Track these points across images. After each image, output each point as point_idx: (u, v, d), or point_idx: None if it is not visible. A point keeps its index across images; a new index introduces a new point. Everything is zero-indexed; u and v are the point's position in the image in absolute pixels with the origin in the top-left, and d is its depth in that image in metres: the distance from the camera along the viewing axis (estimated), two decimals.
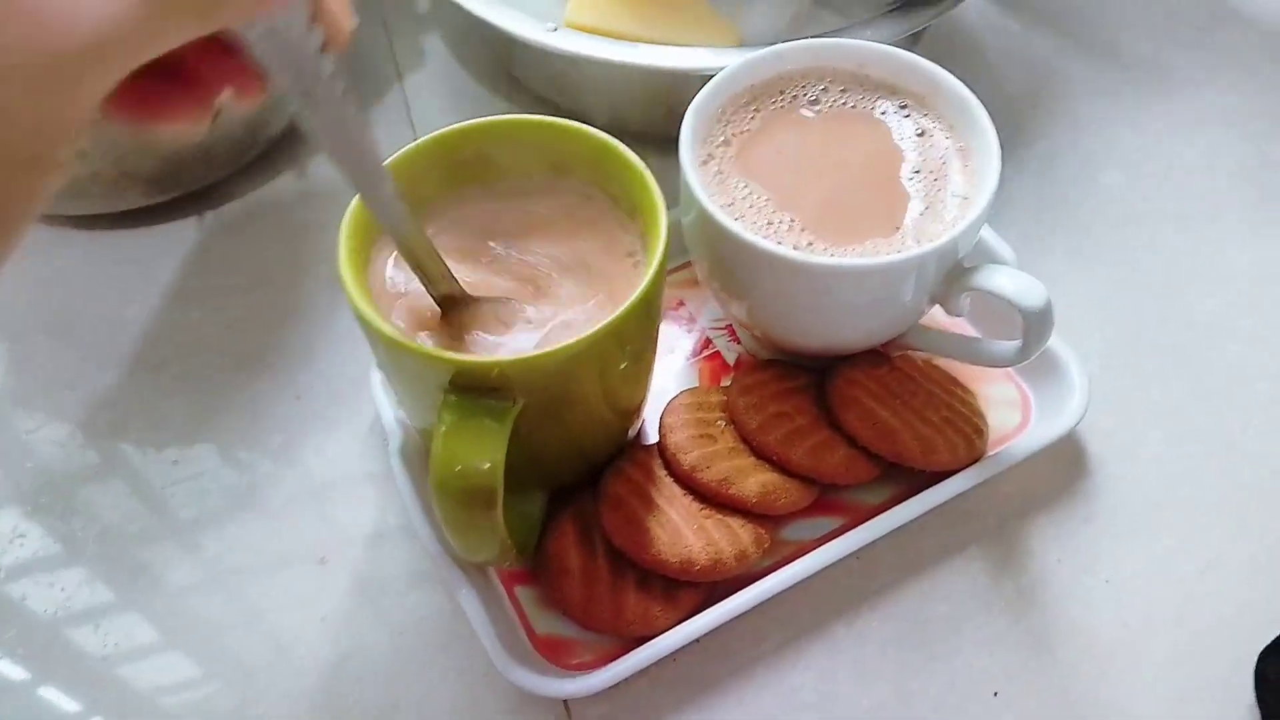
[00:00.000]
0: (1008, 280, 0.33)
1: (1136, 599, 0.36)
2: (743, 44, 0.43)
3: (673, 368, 0.42)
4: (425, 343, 0.32)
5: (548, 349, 0.29)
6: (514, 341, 0.32)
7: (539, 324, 0.33)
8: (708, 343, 0.43)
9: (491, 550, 0.31)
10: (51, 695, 0.36)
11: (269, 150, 0.50)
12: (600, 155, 0.34)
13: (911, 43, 0.44)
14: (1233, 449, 0.40)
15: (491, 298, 0.33)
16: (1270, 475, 0.39)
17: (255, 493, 0.40)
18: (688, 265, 0.43)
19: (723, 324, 0.43)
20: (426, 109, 0.53)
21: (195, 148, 0.44)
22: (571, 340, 0.29)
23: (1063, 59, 0.55)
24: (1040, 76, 0.54)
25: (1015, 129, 0.51)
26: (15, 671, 0.36)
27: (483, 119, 0.34)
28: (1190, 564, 0.37)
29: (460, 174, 0.35)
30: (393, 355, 0.30)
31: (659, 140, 0.35)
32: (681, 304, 0.44)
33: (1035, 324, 0.33)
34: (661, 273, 0.31)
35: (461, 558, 0.34)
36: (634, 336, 0.32)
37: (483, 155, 0.35)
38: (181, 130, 0.25)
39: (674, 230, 0.36)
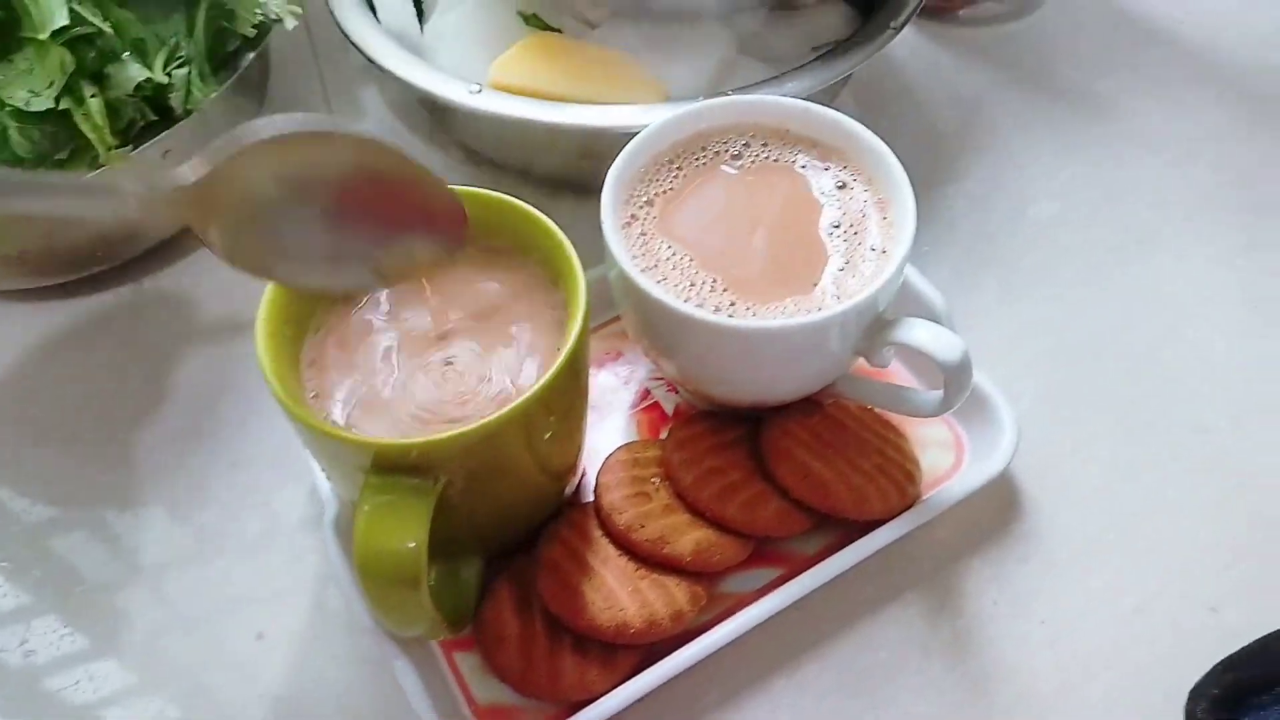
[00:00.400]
0: (926, 335, 0.33)
1: (1072, 639, 0.36)
2: (669, 99, 0.44)
3: (611, 420, 0.42)
4: (352, 418, 0.32)
5: (465, 428, 0.29)
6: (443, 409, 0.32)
7: (470, 397, 0.33)
8: (646, 394, 0.43)
9: (420, 626, 0.31)
10: None
11: None
12: (522, 223, 0.34)
13: (840, 87, 0.45)
14: (1162, 484, 0.40)
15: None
16: (1200, 510, 0.39)
17: (192, 566, 0.40)
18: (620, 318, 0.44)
19: (660, 375, 0.43)
20: None
21: (123, 221, 0.44)
22: (490, 417, 0.29)
23: (994, 92, 0.55)
24: (972, 111, 0.54)
25: (948, 166, 0.52)
26: None
27: None
28: (1124, 602, 0.37)
29: None
30: (312, 438, 0.30)
31: (590, 194, 0.35)
32: (620, 355, 0.44)
33: (954, 377, 0.33)
34: (581, 342, 0.31)
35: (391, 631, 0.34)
36: (559, 403, 0.32)
37: None
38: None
39: (604, 285, 0.36)
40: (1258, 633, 0.35)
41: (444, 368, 0.33)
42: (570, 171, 0.45)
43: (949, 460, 0.40)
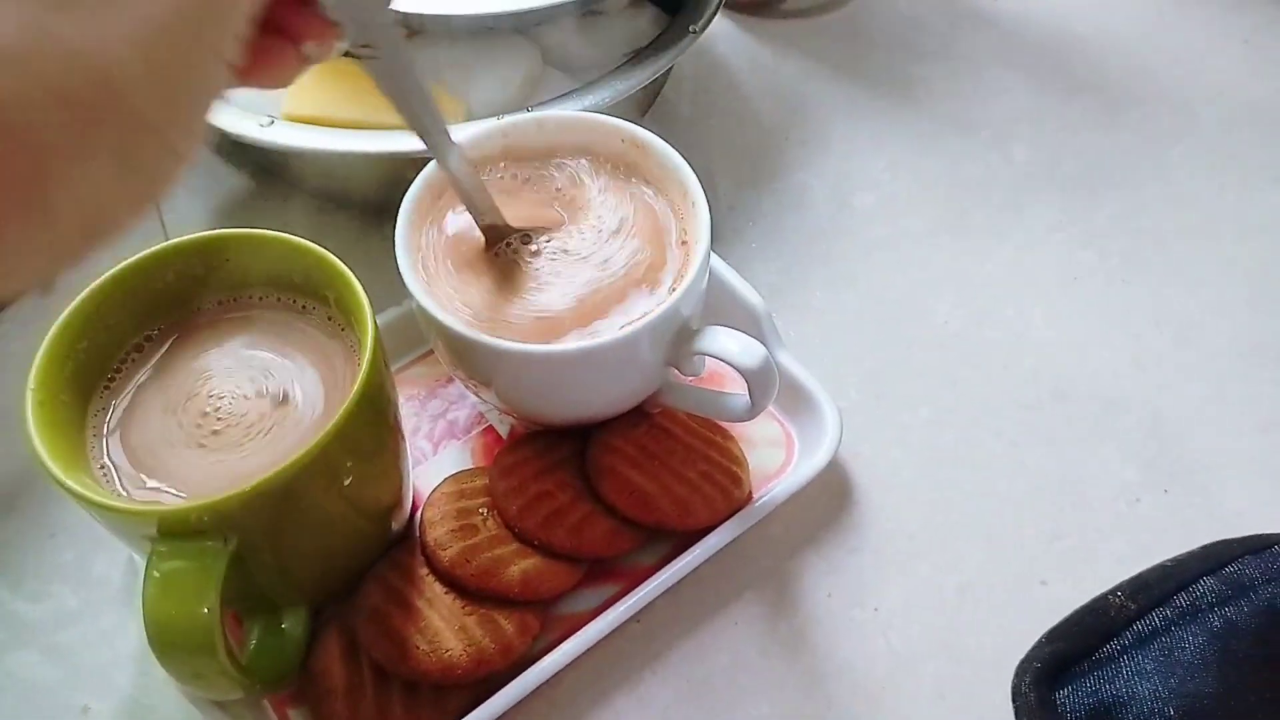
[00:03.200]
0: (729, 343, 0.33)
1: (905, 624, 0.37)
2: (470, 117, 0.43)
3: (445, 448, 0.41)
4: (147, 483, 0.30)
5: (245, 485, 0.28)
6: None
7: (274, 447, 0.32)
8: (480, 418, 0.42)
9: (228, 689, 0.30)
10: None
11: None
12: (308, 262, 0.33)
13: (657, 89, 0.45)
14: (981, 464, 0.41)
15: (530, 226, 0.35)
16: (1024, 488, 0.41)
17: (10, 643, 0.38)
18: None
19: None
20: (183, 206, 0.51)
21: None
22: (272, 470, 0.28)
23: (815, 84, 0.56)
24: (794, 104, 0.55)
25: (773, 160, 0.52)
26: None
27: (174, 241, 0.33)
28: (953, 583, 0.38)
29: (162, 301, 0.34)
30: (91, 511, 0.29)
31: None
32: (450, 381, 0.43)
33: (757, 382, 0.34)
34: (374, 375, 0.31)
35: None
36: (359, 443, 0.31)
37: (186, 278, 0.34)
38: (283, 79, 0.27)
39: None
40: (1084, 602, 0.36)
41: (239, 420, 0.32)
42: (380, 198, 0.44)
43: (780, 457, 0.40)
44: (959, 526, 0.40)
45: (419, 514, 0.37)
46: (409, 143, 0.40)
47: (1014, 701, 0.34)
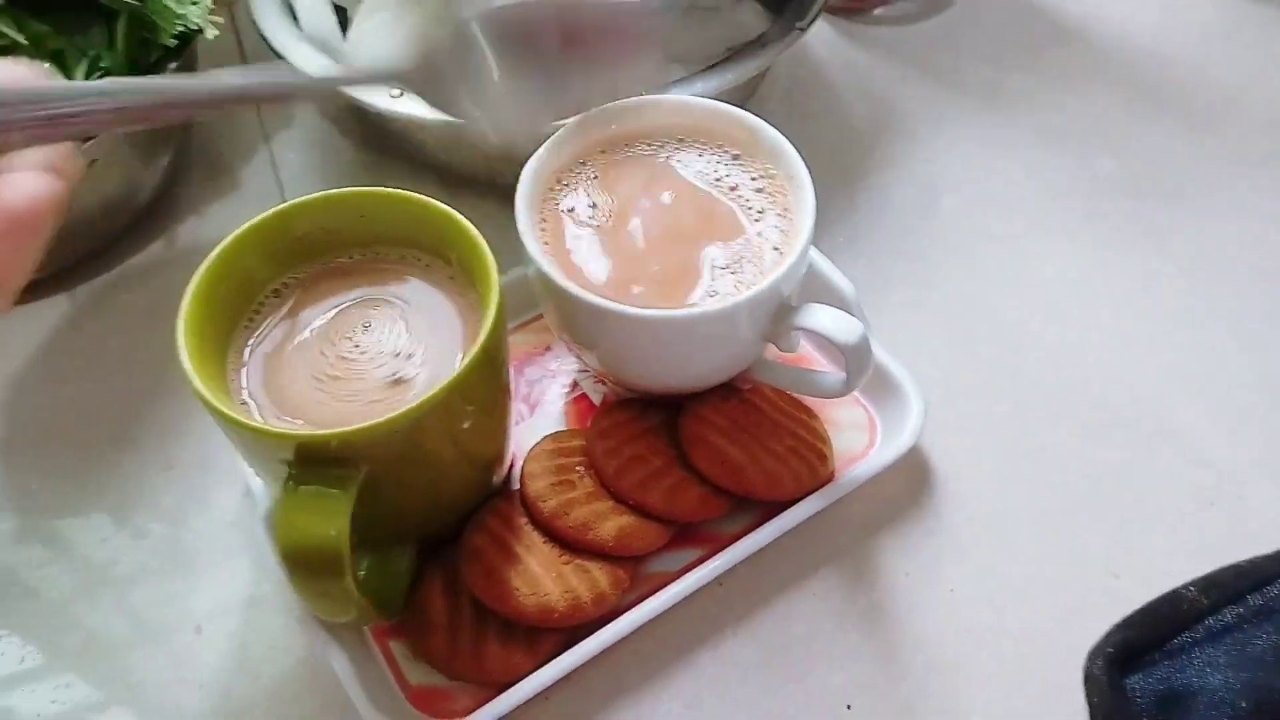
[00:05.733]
0: (827, 319, 0.35)
1: (978, 607, 0.38)
2: None
3: (542, 411, 0.43)
4: (274, 409, 0.33)
5: (382, 419, 0.30)
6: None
7: (392, 392, 0.34)
8: (574, 385, 0.44)
9: (348, 613, 0.33)
10: None
11: (137, 219, 0.50)
12: (441, 223, 0.35)
13: (755, 84, 0.46)
14: (1059, 459, 0.42)
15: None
16: (1099, 481, 0.42)
17: (130, 564, 0.40)
18: None
19: (586, 367, 0.44)
20: (293, 166, 0.54)
21: (55, 230, 0.44)
22: (405, 408, 0.30)
23: (907, 88, 0.58)
24: (886, 107, 0.56)
25: (864, 160, 0.54)
26: None
27: (317, 194, 0.35)
28: (1027, 570, 0.39)
29: (298, 250, 0.36)
30: (234, 433, 0.31)
31: (510, 191, 0.36)
32: (549, 348, 0.45)
33: (854, 357, 0.35)
34: (495, 335, 0.33)
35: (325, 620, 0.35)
36: (475, 395, 0.33)
37: (321, 229, 0.36)
38: None
39: (528, 283, 0.37)
40: (1154, 597, 0.37)
41: (370, 367, 0.34)
42: (492, 173, 0.47)
43: (864, 440, 0.42)
44: (1034, 517, 0.41)
45: (518, 468, 0.39)
46: None
47: (1085, 683, 0.36)
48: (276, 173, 0.53)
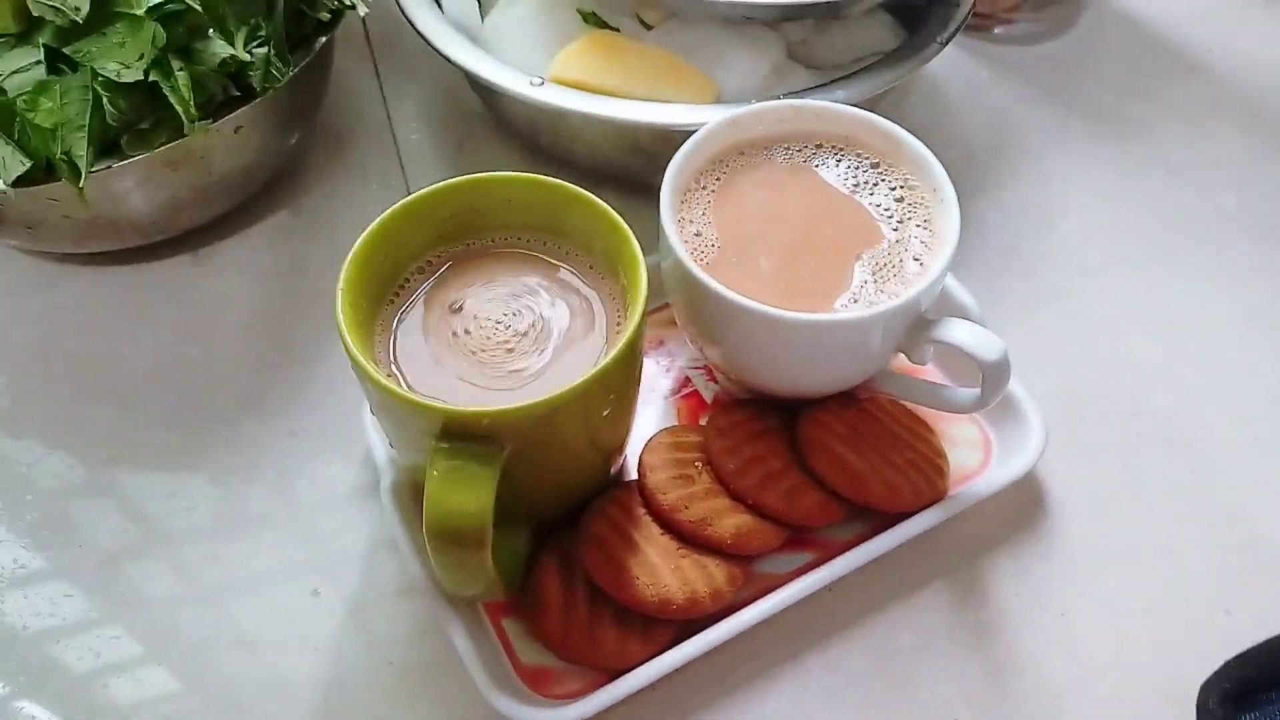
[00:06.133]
0: (967, 334, 0.35)
1: (1088, 634, 0.38)
2: (719, 100, 0.45)
3: (652, 405, 0.44)
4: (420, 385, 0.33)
5: (534, 400, 0.31)
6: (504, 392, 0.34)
7: (532, 375, 0.34)
8: (686, 381, 0.45)
9: (479, 586, 0.33)
10: (39, 712, 0.37)
11: (264, 190, 0.52)
12: (587, 214, 0.36)
13: (884, 96, 0.46)
14: (1173, 492, 0.42)
15: None
16: (1214, 516, 0.41)
17: (250, 525, 0.41)
18: (667, 306, 0.45)
19: (700, 363, 0.45)
20: (415, 147, 0.55)
21: (193, 190, 0.46)
22: (557, 391, 0.31)
23: (1025, 109, 0.57)
24: (1005, 126, 0.56)
25: (981, 178, 0.53)
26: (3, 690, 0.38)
27: (468, 176, 0.36)
28: (1139, 600, 0.39)
29: (445, 230, 0.37)
30: (385, 403, 0.32)
31: (640, 186, 0.37)
32: (662, 343, 0.46)
33: (992, 375, 0.35)
34: (642, 326, 0.33)
35: (449, 591, 0.36)
36: (616, 384, 0.34)
37: (468, 211, 0.37)
38: None
39: (653, 274, 0.38)
40: (1267, 635, 0.37)
41: (508, 348, 0.35)
42: (621, 167, 0.47)
43: (977, 459, 0.42)
44: (1147, 547, 0.40)
45: (637, 459, 0.40)
46: (665, 117, 0.43)
47: (1199, 717, 0.35)
48: (399, 152, 0.54)
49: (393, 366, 0.34)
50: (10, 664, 0.38)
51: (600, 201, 0.35)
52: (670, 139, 0.39)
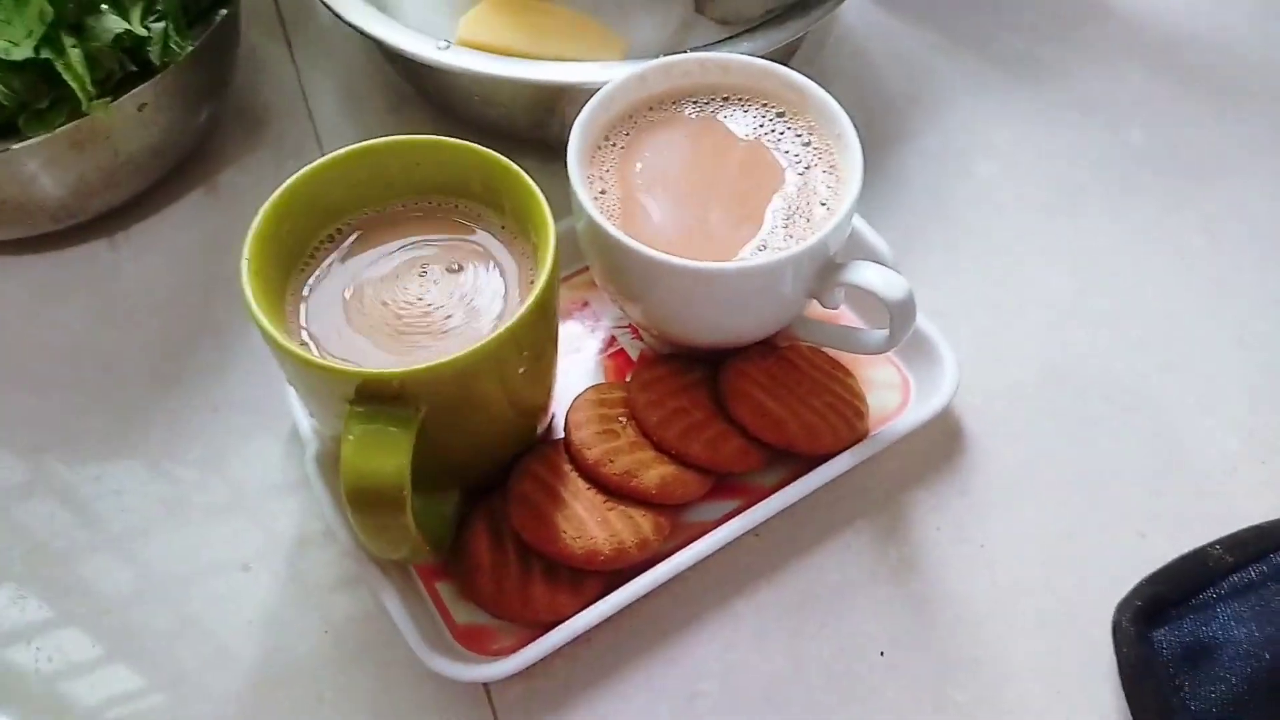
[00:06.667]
0: (874, 275, 0.36)
1: (1008, 563, 0.39)
2: (628, 56, 0.45)
3: (580, 365, 0.44)
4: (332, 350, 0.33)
5: (444, 359, 0.31)
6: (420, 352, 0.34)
7: (442, 336, 0.35)
8: (612, 340, 0.45)
9: (404, 550, 0.33)
10: None
11: (177, 169, 0.51)
12: (495, 174, 0.36)
13: (794, 47, 0.47)
14: (1088, 423, 0.43)
15: None
16: (1122, 452, 0.43)
17: (178, 504, 0.41)
18: (588, 269, 0.45)
19: (625, 322, 0.45)
20: (331, 119, 0.54)
21: (100, 171, 0.45)
22: (467, 349, 0.31)
23: (941, 56, 0.58)
24: (920, 74, 0.57)
25: (898, 126, 0.54)
26: None
27: (372, 140, 0.36)
28: (1057, 528, 0.40)
29: (352, 196, 0.37)
30: (297, 370, 0.32)
31: (556, 149, 0.37)
32: (586, 304, 0.46)
33: (899, 314, 0.36)
34: (551, 283, 0.33)
35: (375, 555, 0.36)
36: (529, 342, 0.34)
37: (374, 176, 0.37)
38: None
39: (569, 236, 0.38)
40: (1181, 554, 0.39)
41: (423, 312, 0.35)
42: (535, 128, 0.47)
43: (896, 400, 0.42)
44: (1064, 478, 0.42)
45: (559, 420, 0.40)
46: (572, 75, 0.43)
47: (1114, 635, 0.37)
48: (314, 125, 0.54)
49: (304, 334, 0.34)
50: None
51: (507, 161, 0.35)
52: (579, 97, 0.39)
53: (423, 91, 0.52)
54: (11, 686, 0.37)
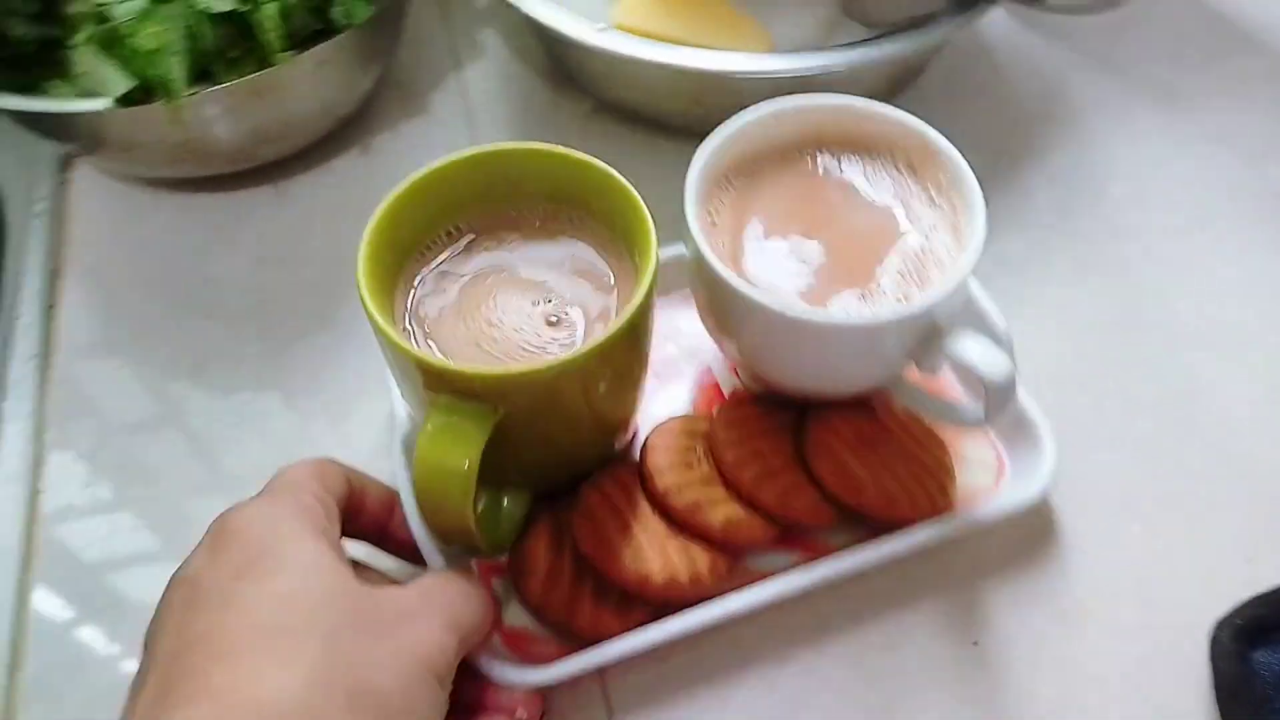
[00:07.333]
0: (976, 351, 0.34)
1: (1087, 669, 0.37)
2: (774, 49, 0.47)
3: (672, 390, 0.44)
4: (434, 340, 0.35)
5: (526, 367, 0.32)
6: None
7: (538, 342, 0.35)
8: (708, 371, 0.45)
9: (463, 538, 0.34)
10: (91, 637, 0.40)
11: (339, 127, 0.55)
12: (601, 186, 0.36)
13: (932, 54, 0.47)
14: (1186, 519, 0.41)
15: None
16: (1215, 543, 0.40)
17: (294, 441, 0.44)
18: None
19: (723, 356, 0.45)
20: (481, 94, 0.58)
21: (275, 121, 0.50)
22: (550, 360, 0.32)
23: (1078, 77, 0.58)
24: (1055, 93, 0.57)
25: (1030, 141, 0.54)
26: (62, 612, 0.40)
27: (500, 145, 0.37)
28: (1144, 639, 0.38)
29: (477, 195, 0.38)
30: (392, 354, 0.33)
31: (697, 134, 0.38)
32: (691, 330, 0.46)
33: (996, 396, 0.34)
34: (645, 307, 0.33)
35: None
36: (616, 361, 0.34)
37: (503, 179, 0.38)
38: None
39: (679, 262, 0.38)
40: None
41: (518, 311, 0.36)
42: (681, 115, 0.49)
43: (988, 480, 0.41)
44: (1152, 579, 0.39)
45: (641, 439, 0.40)
46: (723, 64, 0.45)
47: (1211, 649, 0.36)
48: (465, 99, 0.57)
49: (408, 322, 0.36)
50: (77, 590, 0.41)
51: (625, 183, 0.36)
52: (723, 85, 0.40)
53: (574, 73, 0.55)
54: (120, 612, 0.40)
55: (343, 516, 0.34)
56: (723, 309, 0.37)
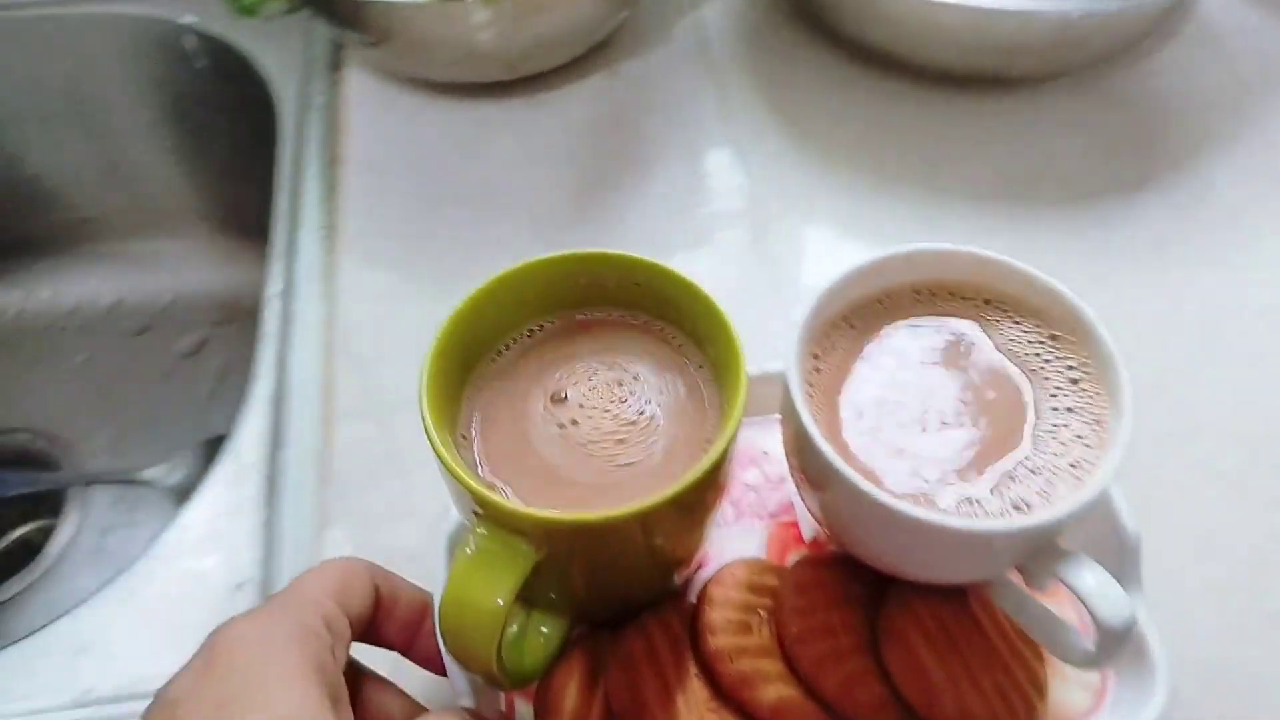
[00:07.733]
0: (1094, 584, 0.29)
1: None
2: None
3: (749, 520, 0.40)
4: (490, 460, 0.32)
5: (582, 515, 0.29)
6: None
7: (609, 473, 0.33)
8: (789, 507, 0.41)
9: (483, 672, 0.31)
10: None
11: (591, 51, 0.61)
12: (703, 312, 0.33)
13: (1156, 18, 0.43)
14: None
15: None
16: None
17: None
18: None
19: None
20: (721, 33, 0.62)
21: (539, 39, 0.57)
22: (611, 511, 0.29)
23: None
24: (1275, 71, 0.55)
25: (1237, 121, 0.52)
26: None
27: (588, 250, 0.35)
28: None
29: (554, 297, 0.36)
30: (444, 472, 0.31)
31: (983, 81, 0.36)
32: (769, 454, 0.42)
33: (1109, 641, 0.29)
34: (726, 453, 0.30)
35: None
36: (686, 506, 0.31)
37: (593, 279, 0.36)
38: None
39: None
40: None
41: (588, 431, 0.33)
42: (960, 65, 0.48)
43: (1085, 704, 0.35)
44: None
45: (704, 586, 0.37)
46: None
47: None
48: (707, 46, 0.62)
49: (471, 429, 0.33)
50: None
51: (720, 308, 0.33)
52: (1005, 24, 0.40)
53: (825, 13, 0.55)
54: None
55: (366, 627, 0.32)
56: (809, 467, 0.33)
